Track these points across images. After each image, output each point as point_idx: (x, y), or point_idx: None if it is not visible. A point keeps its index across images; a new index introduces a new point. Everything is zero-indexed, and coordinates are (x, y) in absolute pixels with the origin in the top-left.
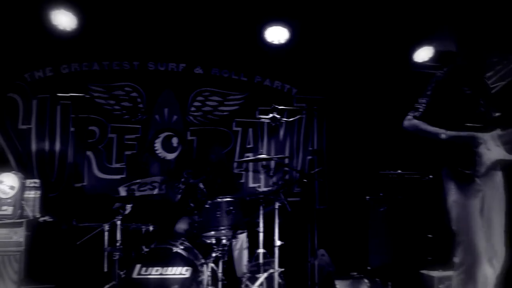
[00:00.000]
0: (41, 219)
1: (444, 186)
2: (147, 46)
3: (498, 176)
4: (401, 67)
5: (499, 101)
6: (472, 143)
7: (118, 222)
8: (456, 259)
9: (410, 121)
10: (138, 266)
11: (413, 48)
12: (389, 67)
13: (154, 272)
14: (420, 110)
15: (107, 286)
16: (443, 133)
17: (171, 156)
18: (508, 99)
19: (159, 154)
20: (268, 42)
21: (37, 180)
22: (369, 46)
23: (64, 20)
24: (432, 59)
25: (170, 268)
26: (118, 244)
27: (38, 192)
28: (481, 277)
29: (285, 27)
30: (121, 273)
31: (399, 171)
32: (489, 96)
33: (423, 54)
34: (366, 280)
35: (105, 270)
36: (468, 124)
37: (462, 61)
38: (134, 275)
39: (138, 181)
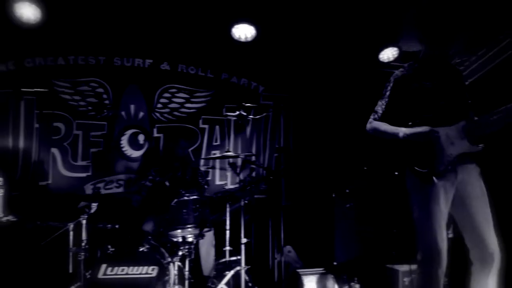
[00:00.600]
0: (4, 218)
1: (407, 186)
2: (113, 41)
3: (472, 169)
4: (368, 66)
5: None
6: (430, 138)
7: (84, 221)
8: (418, 257)
9: (371, 124)
10: (103, 266)
11: (379, 47)
12: (355, 65)
13: (120, 272)
14: (379, 112)
15: (73, 287)
16: (401, 132)
17: (137, 153)
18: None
19: (125, 152)
20: (235, 39)
21: (0, 178)
22: (336, 44)
23: (28, 11)
24: (398, 59)
25: (136, 268)
26: (83, 244)
27: (1, 190)
28: (441, 277)
29: (252, 24)
30: (87, 273)
31: (365, 168)
32: (461, 85)
33: (390, 53)
34: (332, 276)
35: (70, 270)
36: (424, 115)
37: (423, 55)
38: (100, 275)
39: (104, 179)
